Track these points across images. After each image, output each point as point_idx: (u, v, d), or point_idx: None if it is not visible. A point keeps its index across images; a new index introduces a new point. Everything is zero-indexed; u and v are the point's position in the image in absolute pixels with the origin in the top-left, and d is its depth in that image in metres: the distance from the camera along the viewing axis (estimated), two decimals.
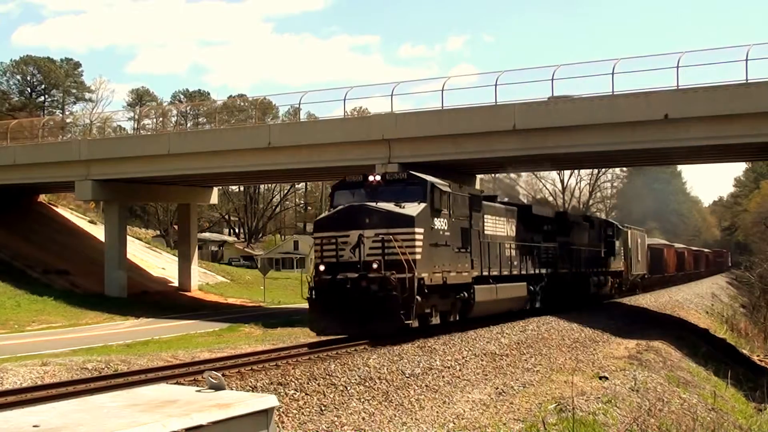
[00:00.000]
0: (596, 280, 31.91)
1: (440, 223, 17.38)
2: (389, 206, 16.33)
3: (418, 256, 15.94)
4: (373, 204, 16.45)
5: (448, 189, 18.04)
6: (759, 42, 32.70)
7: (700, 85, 26.50)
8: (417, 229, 16.10)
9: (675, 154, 32.15)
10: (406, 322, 15.43)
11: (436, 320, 17.71)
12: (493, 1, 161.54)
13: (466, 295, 18.77)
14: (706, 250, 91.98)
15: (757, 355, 33.71)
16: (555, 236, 26.68)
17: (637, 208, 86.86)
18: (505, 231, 22.53)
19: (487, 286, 20.03)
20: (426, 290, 16.27)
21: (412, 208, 16.39)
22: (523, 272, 23.18)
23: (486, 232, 20.65)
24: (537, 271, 24.49)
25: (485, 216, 20.71)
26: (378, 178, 17.21)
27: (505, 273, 21.72)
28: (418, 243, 16.05)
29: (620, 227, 39.87)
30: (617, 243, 36.92)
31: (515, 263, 22.66)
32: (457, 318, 18.89)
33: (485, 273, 20.05)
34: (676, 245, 68.42)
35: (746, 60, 25.33)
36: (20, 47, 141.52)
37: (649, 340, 23.02)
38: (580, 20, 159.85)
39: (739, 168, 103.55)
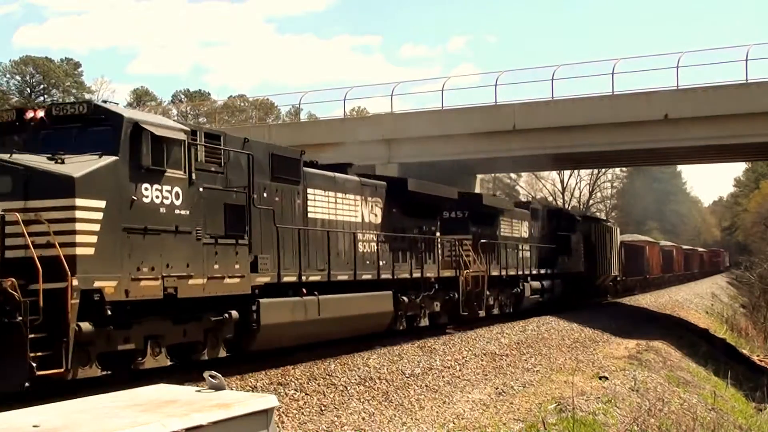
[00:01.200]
0: (537, 285, 25.43)
1: (161, 193, 10.59)
2: (37, 160, 9.66)
3: (84, 250, 9.39)
4: (6, 157, 9.67)
5: (181, 135, 10.97)
6: (759, 42, 32.84)
7: (700, 85, 26.64)
8: (81, 201, 9.41)
9: (675, 154, 32.24)
10: (42, 373, 8.72)
11: (157, 361, 10.78)
12: (496, 2, 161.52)
13: (236, 315, 11.82)
14: (700, 249, 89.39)
15: (757, 355, 33.71)
16: (466, 226, 20.88)
17: (637, 208, 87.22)
18: (358, 215, 15.91)
19: (291, 299, 13.15)
20: (111, 311, 9.69)
21: (81, 164, 9.69)
22: (388, 276, 16.32)
23: (311, 214, 14.32)
24: (421, 275, 17.66)
25: (309, 190, 14.36)
26: (41, 114, 10.55)
27: (343, 278, 14.81)
28: (84, 226, 9.43)
29: (577, 218, 32.92)
30: (573, 238, 30.17)
31: (375, 262, 16.05)
32: (223, 353, 11.98)
33: (291, 278, 13.25)
34: (662, 243, 64.53)
35: (746, 60, 25.57)
36: (22, 48, 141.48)
37: (649, 340, 23.05)
38: (581, 20, 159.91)
39: (739, 168, 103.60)
